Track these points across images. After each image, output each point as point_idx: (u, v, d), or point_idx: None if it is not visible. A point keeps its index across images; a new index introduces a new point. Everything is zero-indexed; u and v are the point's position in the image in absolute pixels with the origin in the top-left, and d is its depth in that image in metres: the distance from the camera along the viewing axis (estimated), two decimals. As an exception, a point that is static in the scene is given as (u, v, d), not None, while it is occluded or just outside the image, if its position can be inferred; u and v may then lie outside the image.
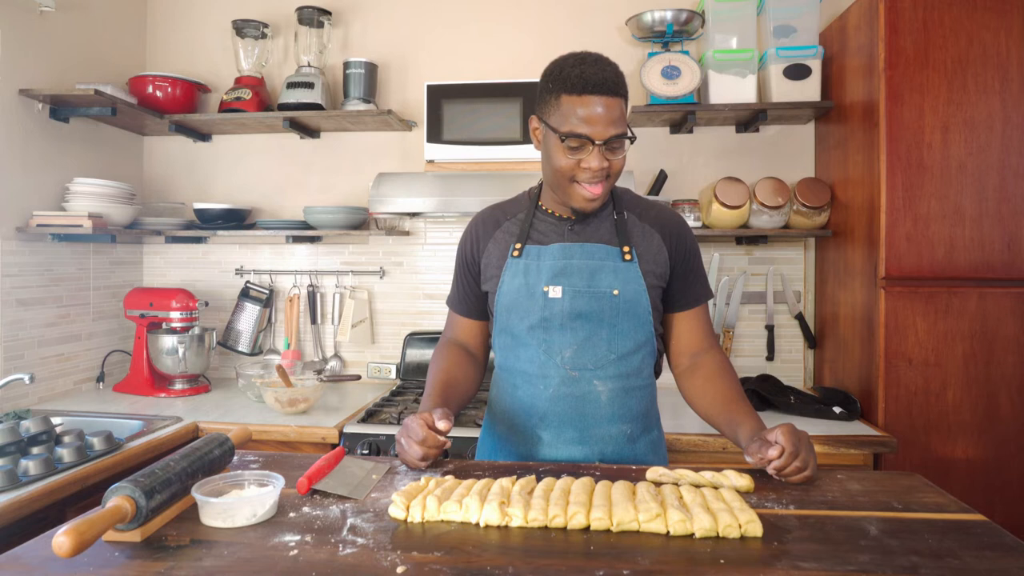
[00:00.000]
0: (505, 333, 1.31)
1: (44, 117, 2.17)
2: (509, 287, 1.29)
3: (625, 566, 0.79)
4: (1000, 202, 1.85)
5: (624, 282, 1.25)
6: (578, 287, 1.25)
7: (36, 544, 0.86)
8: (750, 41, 2.26)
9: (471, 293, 1.38)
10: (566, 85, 1.16)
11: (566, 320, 1.25)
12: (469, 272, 1.37)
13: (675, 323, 1.34)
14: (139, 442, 1.72)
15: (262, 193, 2.65)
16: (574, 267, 1.26)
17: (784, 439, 1.05)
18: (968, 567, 0.79)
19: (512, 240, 1.32)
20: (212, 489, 0.96)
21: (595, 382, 1.26)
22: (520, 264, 1.28)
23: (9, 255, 2.04)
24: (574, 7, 2.51)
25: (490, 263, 1.33)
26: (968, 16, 1.85)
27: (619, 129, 1.17)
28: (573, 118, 1.16)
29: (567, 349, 1.26)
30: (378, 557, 0.82)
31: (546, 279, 1.26)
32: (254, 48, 2.48)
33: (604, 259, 1.26)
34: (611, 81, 1.16)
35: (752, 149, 2.46)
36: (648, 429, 1.33)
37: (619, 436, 1.28)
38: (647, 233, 1.29)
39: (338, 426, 1.91)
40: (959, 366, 1.86)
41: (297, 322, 2.58)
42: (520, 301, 1.27)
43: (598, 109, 1.15)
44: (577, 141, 1.16)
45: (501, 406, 1.34)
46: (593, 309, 1.24)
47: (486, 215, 1.39)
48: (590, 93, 1.15)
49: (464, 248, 1.39)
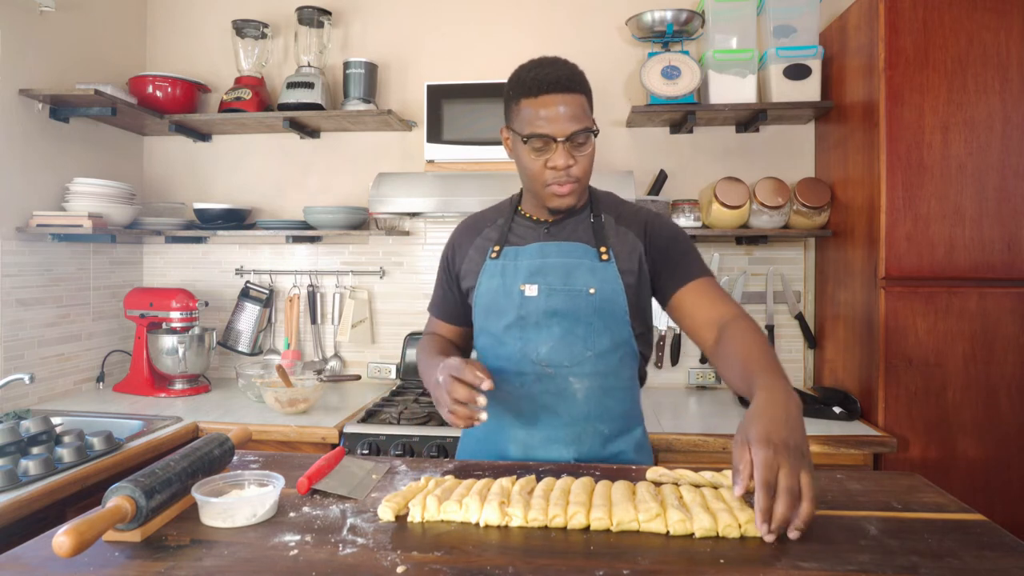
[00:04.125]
0: (484, 333, 1.33)
1: (44, 117, 2.17)
2: (487, 288, 1.30)
3: (625, 566, 0.79)
4: (1000, 202, 1.85)
5: (601, 281, 1.24)
6: (554, 285, 1.25)
7: (36, 544, 0.86)
8: (750, 41, 2.26)
9: (451, 299, 1.41)
10: (524, 89, 1.19)
11: (542, 318, 1.25)
12: (449, 277, 1.40)
13: (678, 305, 1.25)
14: (139, 442, 1.72)
15: (262, 193, 2.65)
16: (550, 265, 1.27)
17: (758, 469, 0.82)
18: (968, 567, 0.79)
19: (491, 244, 1.34)
20: (212, 489, 0.96)
21: (571, 379, 1.25)
22: (498, 265, 1.30)
23: (9, 255, 2.04)
24: (574, 7, 2.51)
25: (470, 268, 1.35)
26: (968, 16, 1.85)
27: (579, 124, 1.17)
28: (534, 119, 1.17)
29: (543, 346, 1.25)
30: (378, 557, 0.82)
31: (523, 278, 1.27)
32: (254, 48, 2.48)
33: (581, 258, 1.26)
34: (566, 78, 1.17)
35: (752, 149, 2.45)
36: (628, 429, 1.31)
37: (595, 435, 1.27)
38: (622, 234, 1.29)
39: (338, 426, 1.91)
40: (959, 366, 1.86)
41: (297, 322, 2.58)
42: (497, 300, 1.29)
43: (556, 108, 1.16)
44: (540, 141, 1.18)
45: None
46: (569, 307, 1.24)
47: (468, 222, 1.42)
48: (546, 92, 1.16)
49: (446, 255, 1.42)
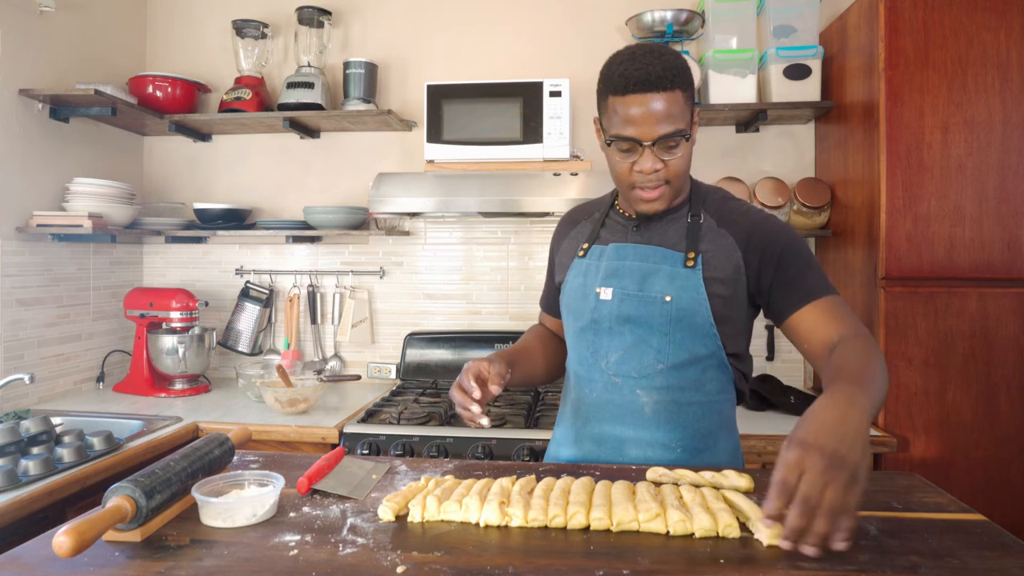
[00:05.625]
0: (568, 332, 1.31)
1: (44, 117, 2.17)
2: (571, 287, 1.27)
3: (625, 566, 0.79)
4: (1000, 202, 1.85)
5: (680, 289, 1.15)
6: (628, 290, 1.18)
7: (36, 544, 0.86)
8: (750, 41, 2.26)
9: (553, 291, 1.39)
10: (611, 85, 1.10)
11: (614, 324, 1.20)
12: (551, 269, 1.39)
13: (793, 328, 1.14)
14: (139, 442, 1.72)
15: (262, 193, 2.65)
16: (626, 268, 1.20)
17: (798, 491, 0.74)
18: (968, 567, 0.79)
19: (583, 240, 1.30)
20: (212, 489, 0.96)
21: (638, 391, 1.18)
22: (583, 264, 1.27)
23: (9, 255, 2.04)
24: (574, 7, 2.51)
25: (563, 262, 1.33)
26: (968, 16, 1.85)
27: (670, 127, 1.08)
28: (619, 120, 1.10)
29: (613, 354, 1.20)
30: (378, 557, 0.82)
31: (600, 280, 1.22)
32: (254, 48, 2.48)
33: (660, 263, 1.18)
34: (656, 76, 1.06)
35: (752, 149, 2.45)
36: (707, 449, 1.19)
37: (662, 450, 1.18)
38: (721, 237, 1.17)
39: (338, 426, 1.91)
40: (959, 366, 1.86)
41: (297, 322, 2.58)
42: (576, 301, 1.25)
43: (643, 108, 1.07)
44: (626, 144, 1.11)
45: (565, 401, 1.36)
46: (642, 314, 1.17)
47: (570, 213, 1.40)
48: (633, 92, 1.07)
49: (551, 246, 1.41)
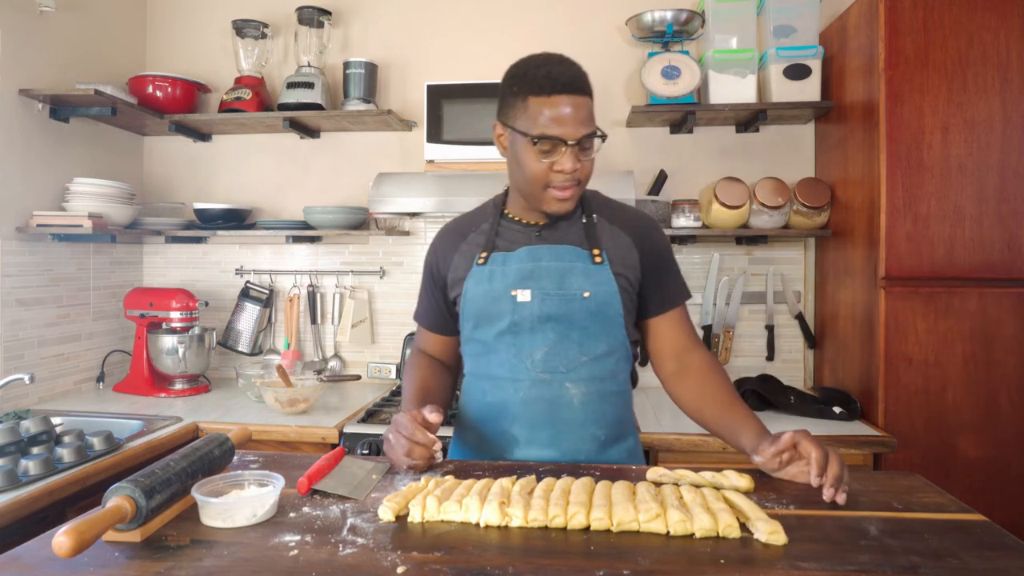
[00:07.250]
0: (473, 341, 1.30)
1: (44, 117, 2.17)
2: (474, 294, 1.26)
3: (625, 566, 0.79)
4: (1000, 202, 1.85)
5: (595, 284, 1.22)
6: (548, 289, 1.22)
7: (36, 544, 0.86)
8: (750, 41, 2.26)
9: (437, 307, 1.36)
10: (533, 87, 1.14)
11: (536, 323, 1.22)
12: (436, 286, 1.35)
13: (653, 327, 1.31)
14: (139, 442, 1.72)
15: (262, 193, 2.65)
16: (543, 270, 1.23)
17: (815, 451, 1.02)
18: (968, 567, 0.79)
19: (478, 250, 1.29)
20: (212, 489, 0.96)
21: (567, 384, 1.23)
22: (485, 271, 1.26)
23: (9, 255, 2.04)
24: (574, 7, 2.51)
25: (457, 276, 1.30)
26: (968, 16, 1.85)
27: (590, 128, 1.15)
28: (543, 120, 1.13)
29: (537, 352, 1.23)
30: (378, 557, 0.82)
31: (513, 283, 1.23)
32: (254, 48, 2.48)
33: (574, 261, 1.23)
34: (579, 80, 1.15)
35: (752, 149, 2.45)
36: (623, 436, 1.30)
37: (591, 441, 1.25)
38: (616, 235, 1.27)
39: (338, 426, 1.91)
40: (959, 366, 1.86)
41: (297, 322, 2.58)
42: (487, 307, 1.25)
43: (568, 109, 1.12)
44: (549, 143, 1.14)
45: (471, 413, 1.32)
46: (563, 312, 1.22)
47: (450, 228, 1.37)
48: (559, 93, 1.12)
49: (429, 263, 1.36)
